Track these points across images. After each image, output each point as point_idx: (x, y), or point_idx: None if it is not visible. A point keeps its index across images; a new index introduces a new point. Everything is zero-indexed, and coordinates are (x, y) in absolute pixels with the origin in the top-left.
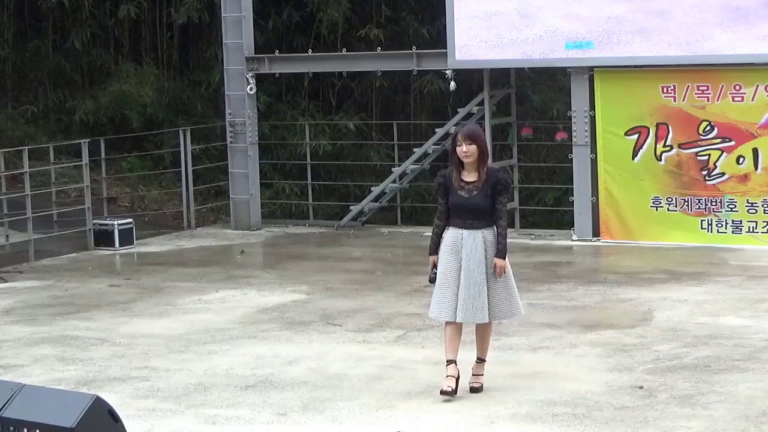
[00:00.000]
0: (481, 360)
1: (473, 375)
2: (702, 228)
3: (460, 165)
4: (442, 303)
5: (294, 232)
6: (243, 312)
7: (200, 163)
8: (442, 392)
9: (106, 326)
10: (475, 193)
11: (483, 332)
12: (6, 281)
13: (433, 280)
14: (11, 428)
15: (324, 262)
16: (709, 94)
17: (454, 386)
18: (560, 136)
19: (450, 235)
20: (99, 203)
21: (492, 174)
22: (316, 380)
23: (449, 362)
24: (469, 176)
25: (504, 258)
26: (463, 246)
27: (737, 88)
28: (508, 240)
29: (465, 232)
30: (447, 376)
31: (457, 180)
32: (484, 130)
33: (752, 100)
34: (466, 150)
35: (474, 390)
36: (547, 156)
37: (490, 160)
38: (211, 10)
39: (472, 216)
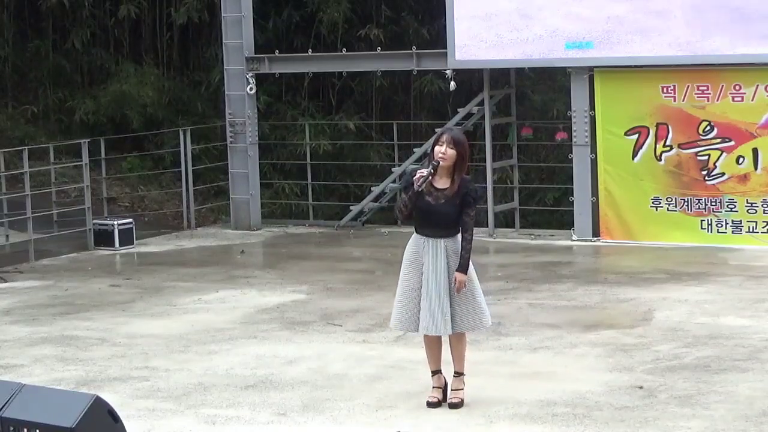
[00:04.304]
0: (458, 374)
1: (452, 390)
2: (702, 228)
3: (435, 170)
4: (404, 314)
5: (294, 232)
6: (243, 312)
7: (200, 163)
8: (428, 404)
9: (106, 326)
10: (443, 201)
11: (456, 344)
12: (6, 281)
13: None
14: (11, 428)
15: (324, 262)
16: (709, 94)
17: (440, 397)
18: (560, 136)
19: (413, 242)
20: (99, 203)
21: (464, 184)
22: (316, 380)
23: (433, 373)
24: (440, 183)
25: (465, 272)
26: (425, 255)
27: (737, 88)
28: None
29: (426, 240)
30: (433, 387)
31: (428, 184)
32: (484, 130)
33: (752, 100)
34: (444, 152)
35: (453, 406)
36: (547, 156)
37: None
38: (211, 10)
39: (435, 224)
